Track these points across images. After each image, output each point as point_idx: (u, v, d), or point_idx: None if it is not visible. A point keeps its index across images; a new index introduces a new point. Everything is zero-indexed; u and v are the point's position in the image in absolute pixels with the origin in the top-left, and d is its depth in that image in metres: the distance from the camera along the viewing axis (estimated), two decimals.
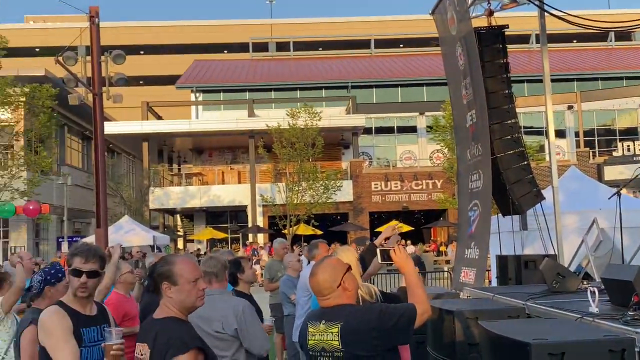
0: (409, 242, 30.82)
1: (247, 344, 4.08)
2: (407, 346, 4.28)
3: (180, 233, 39.12)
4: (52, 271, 4.22)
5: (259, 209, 33.79)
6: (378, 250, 3.65)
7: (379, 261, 3.70)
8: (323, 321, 3.21)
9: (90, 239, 23.91)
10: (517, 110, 8.64)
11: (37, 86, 25.18)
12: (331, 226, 33.44)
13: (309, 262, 8.64)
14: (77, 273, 3.37)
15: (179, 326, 3.05)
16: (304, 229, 31.12)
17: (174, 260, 3.17)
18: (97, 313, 3.54)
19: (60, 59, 17.46)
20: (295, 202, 30.51)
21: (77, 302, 3.40)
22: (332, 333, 3.15)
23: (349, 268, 3.31)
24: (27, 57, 48.49)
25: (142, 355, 3.05)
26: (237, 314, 4.09)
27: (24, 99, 25.97)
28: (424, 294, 3.30)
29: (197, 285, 3.09)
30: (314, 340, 3.23)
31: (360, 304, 3.86)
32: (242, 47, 53.07)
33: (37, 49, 52.58)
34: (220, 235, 34.97)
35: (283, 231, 30.63)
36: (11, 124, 26.42)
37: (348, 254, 4.22)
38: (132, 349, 4.73)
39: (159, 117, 38.92)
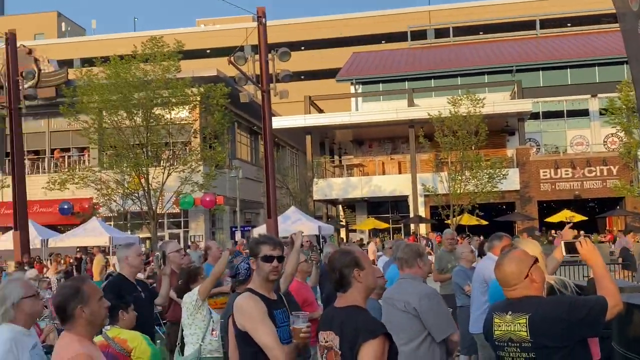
0: (581, 232, 29.13)
1: (428, 326, 4.25)
2: (597, 339, 4.17)
3: (343, 223, 39.97)
4: None
5: (421, 199, 33.61)
6: (562, 243, 3.64)
7: (563, 253, 3.68)
8: (510, 312, 3.24)
9: (261, 229, 25.20)
10: None
11: (212, 86, 26.86)
12: (496, 216, 32.48)
13: (478, 254, 8.52)
14: (269, 259, 3.65)
15: (363, 314, 3.22)
16: (467, 219, 30.51)
17: (352, 249, 3.43)
18: (277, 297, 3.79)
19: (232, 59, 18.54)
20: (458, 191, 29.99)
21: (263, 288, 3.65)
22: (519, 324, 3.18)
23: (536, 261, 3.32)
24: (200, 59, 51.90)
25: (327, 342, 3.22)
26: (421, 298, 4.31)
27: (199, 99, 27.86)
28: (613, 286, 3.23)
29: (374, 268, 3.28)
30: (501, 330, 3.27)
31: (558, 294, 3.84)
32: (400, 37, 52.93)
33: (208, 51, 56.08)
34: (382, 225, 35.26)
35: (446, 221, 30.25)
36: (189, 122, 28.49)
37: (533, 247, 4.18)
38: (313, 333, 4.99)
39: (321, 111, 39.95)
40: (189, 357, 5.74)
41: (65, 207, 29.99)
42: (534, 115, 36.06)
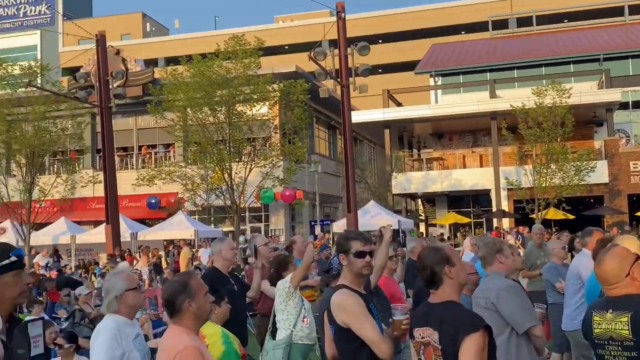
0: None
1: (507, 319, 4.21)
2: None
3: (422, 217, 39.62)
4: None
5: (503, 193, 32.86)
6: None
7: None
8: (610, 310, 3.19)
9: (342, 223, 25.35)
10: None
11: (292, 82, 27.15)
12: (584, 210, 31.36)
13: (568, 250, 8.29)
14: (362, 254, 3.66)
15: (461, 308, 3.24)
16: (553, 214, 29.58)
17: (442, 246, 3.44)
18: (367, 292, 3.83)
19: (312, 55, 18.69)
20: (543, 185, 29.12)
21: (355, 283, 3.68)
22: (621, 322, 3.13)
23: (638, 258, 3.25)
24: (278, 55, 52.52)
25: (424, 338, 3.24)
26: (499, 292, 4.27)
27: (279, 95, 28.21)
28: None
29: (465, 264, 3.27)
30: (601, 329, 3.23)
31: None
32: (480, 27, 51.77)
33: (287, 47, 56.67)
34: (464, 219, 34.69)
35: (530, 216, 29.47)
36: (270, 118, 28.93)
37: (632, 243, 4.04)
38: None
39: (399, 104, 39.67)
40: (281, 342, 5.87)
41: (153, 201, 31.00)
42: (623, 105, 34.48)
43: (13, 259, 2.65)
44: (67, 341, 6.29)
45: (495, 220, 32.67)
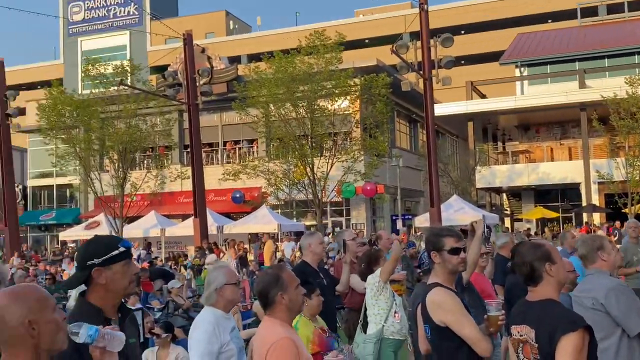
0: None
1: (618, 321, 4.04)
2: None
3: (507, 212, 38.65)
4: None
5: (594, 187, 31.61)
6: None
7: None
8: None
9: (424, 217, 25.10)
10: None
11: (374, 76, 27.05)
12: None
13: None
14: (457, 251, 3.61)
15: (560, 307, 3.17)
16: None
17: (542, 242, 3.37)
18: (458, 289, 3.77)
19: (394, 48, 18.57)
20: (637, 178, 27.82)
21: (448, 281, 3.63)
22: None
23: None
24: (358, 49, 52.39)
25: (522, 336, 3.19)
26: (607, 292, 4.10)
27: (360, 89, 28.16)
28: None
29: (565, 262, 3.18)
30: None
31: None
32: (568, 15, 49.87)
33: (367, 40, 56.45)
34: (552, 214, 33.60)
35: (623, 210, 28.22)
36: (351, 112, 28.96)
37: None
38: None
39: (483, 96, 38.80)
40: (371, 336, 5.90)
41: (237, 195, 31.66)
42: None
43: (122, 249, 2.76)
44: (164, 331, 6.53)
45: (585, 215, 31.50)
